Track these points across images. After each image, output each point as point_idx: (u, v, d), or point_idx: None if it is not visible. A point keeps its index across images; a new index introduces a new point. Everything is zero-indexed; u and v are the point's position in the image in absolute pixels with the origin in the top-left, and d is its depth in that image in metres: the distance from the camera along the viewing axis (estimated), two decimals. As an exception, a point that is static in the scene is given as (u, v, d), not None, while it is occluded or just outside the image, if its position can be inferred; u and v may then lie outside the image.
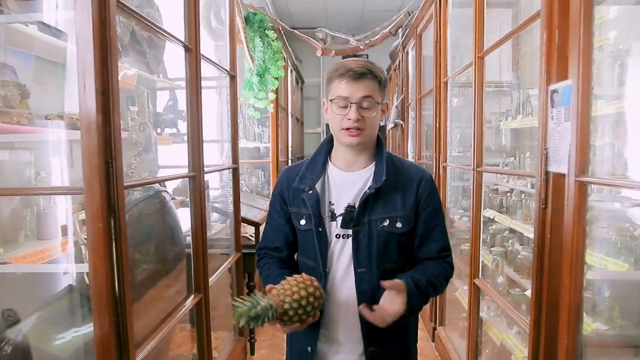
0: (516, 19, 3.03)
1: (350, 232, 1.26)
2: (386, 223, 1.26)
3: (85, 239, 1.58)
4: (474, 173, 2.32)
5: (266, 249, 1.42)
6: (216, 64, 2.44)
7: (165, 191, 2.12)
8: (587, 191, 1.31)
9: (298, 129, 7.25)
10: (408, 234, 1.28)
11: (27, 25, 1.57)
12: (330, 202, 1.30)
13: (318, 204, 1.28)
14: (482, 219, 2.38)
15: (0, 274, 1.54)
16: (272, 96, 4.00)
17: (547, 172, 1.47)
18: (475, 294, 2.37)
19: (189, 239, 2.03)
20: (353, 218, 1.26)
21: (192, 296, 2.01)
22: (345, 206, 1.28)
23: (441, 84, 3.03)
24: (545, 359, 1.49)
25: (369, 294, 1.25)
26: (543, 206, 1.49)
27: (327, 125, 1.36)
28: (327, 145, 1.37)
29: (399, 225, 1.26)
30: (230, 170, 2.75)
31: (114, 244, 1.29)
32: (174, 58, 2.25)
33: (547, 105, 1.46)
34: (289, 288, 1.13)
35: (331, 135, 1.35)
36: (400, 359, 1.35)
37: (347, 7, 6.99)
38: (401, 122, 4.73)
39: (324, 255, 1.27)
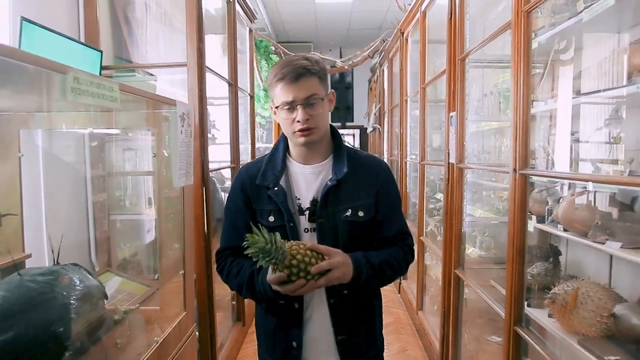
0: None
1: (315, 225, 1.26)
2: (348, 213, 1.26)
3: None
4: (419, 166, 3.41)
5: (227, 250, 1.34)
6: (243, 89, 3.49)
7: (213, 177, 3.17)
8: (464, 172, 2.40)
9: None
10: (370, 222, 1.29)
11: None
12: (296, 197, 1.29)
13: (286, 199, 1.26)
14: (425, 197, 3.47)
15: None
16: (275, 107, 5.06)
17: (448, 163, 2.56)
18: (421, 247, 3.46)
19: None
20: (316, 211, 1.26)
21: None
22: (310, 199, 1.28)
23: (403, 100, 4.12)
24: (446, 267, 2.59)
25: (335, 285, 1.20)
26: (447, 183, 2.58)
27: None
28: (284, 142, 1.36)
29: (361, 214, 1.27)
30: (250, 164, 3.81)
31: (204, 204, 2.36)
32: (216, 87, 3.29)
33: (448, 124, 2.55)
34: (303, 248, 1.12)
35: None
36: (367, 345, 1.35)
37: (334, 26, 8.02)
38: (378, 126, 5.82)
39: None
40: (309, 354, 1.31)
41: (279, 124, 1.32)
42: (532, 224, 1.99)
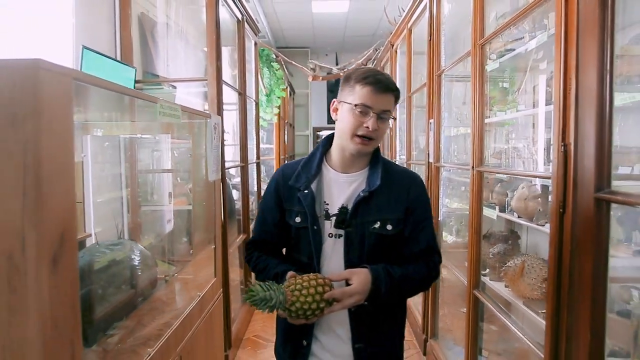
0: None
1: (342, 232, 1.27)
2: (377, 225, 1.26)
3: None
4: (406, 165, 3.87)
5: (256, 242, 1.41)
6: (250, 97, 3.93)
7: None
8: (440, 170, 2.85)
9: (290, 132, 8.74)
10: (398, 236, 1.29)
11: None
12: (325, 202, 1.30)
13: (313, 203, 1.28)
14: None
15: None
16: (275, 110, 5.50)
17: (428, 162, 3.01)
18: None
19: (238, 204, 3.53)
20: (346, 219, 1.26)
21: (241, 235, 3.50)
22: (339, 207, 1.29)
23: (393, 106, 4.57)
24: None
25: None
26: (427, 179, 3.03)
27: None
28: (324, 147, 1.38)
29: (389, 227, 1.27)
30: (255, 163, 4.25)
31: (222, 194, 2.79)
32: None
33: (428, 129, 3.00)
34: (306, 288, 1.13)
35: (329, 137, 1.38)
36: (386, 356, 1.35)
37: (331, 33, 8.44)
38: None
39: (317, 253, 1.28)
40: (320, 355, 1.32)
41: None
42: (495, 213, 2.43)
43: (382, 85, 1.23)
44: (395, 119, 1.39)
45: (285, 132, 7.10)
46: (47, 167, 0.79)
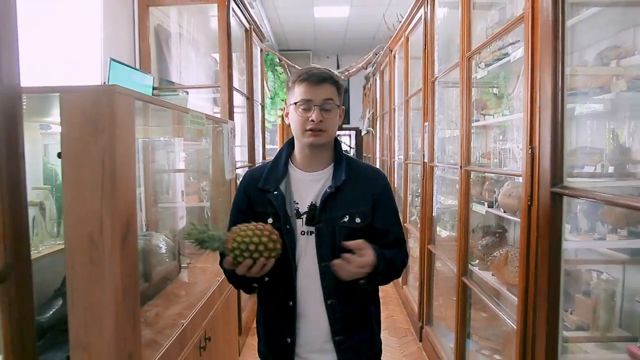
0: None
1: (313, 228, 1.31)
2: (346, 219, 1.31)
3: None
4: (403, 164, 4.10)
5: None
6: (256, 100, 4.17)
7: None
8: (434, 169, 3.08)
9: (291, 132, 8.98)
10: (367, 228, 1.33)
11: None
12: (294, 201, 1.34)
13: (284, 203, 1.32)
14: (410, 191, 4.16)
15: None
16: (279, 112, 5.74)
17: (424, 162, 3.24)
18: (406, 233, 4.14)
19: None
20: (315, 215, 1.31)
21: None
22: (308, 204, 1.33)
23: (391, 109, 4.80)
24: (422, 244, 3.27)
25: (332, 286, 1.30)
26: (422, 178, 3.26)
27: None
28: (287, 149, 1.42)
29: (357, 220, 1.32)
30: (261, 163, 4.48)
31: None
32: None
33: (423, 132, 3.23)
34: (245, 230, 1.16)
35: (290, 139, 1.44)
36: (365, 346, 1.38)
37: (332, 36, 8.66)
38: (372, 130, 6.51)
39: (292, 251, 1.31)
40: (304, 352, 1.35)
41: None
42: (484, 209, 2.67)
43: (316, 77, 1.29)
44: (338, 106, 1.34)
45: (287, 133, 7.35)
46: (118, 167, 1.03)
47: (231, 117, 2.95)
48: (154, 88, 2.91)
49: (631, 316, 1.70)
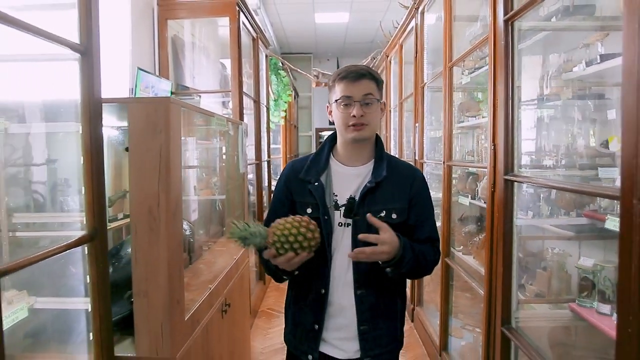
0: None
1: (350, 221, 1.34)
2: (383, 214, 1.33)
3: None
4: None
5: None
6: (262, 103, 4.51)
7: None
8: (423, 165, 3.43)
9: (294, 133, 9.32)
10: (402, 224, 1.36)
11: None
12: (334, 193, 1.38)
13: (324, 194, 1.36)
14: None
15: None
16: (282, 114, 6.08)
17: (415, 159, 3.58)
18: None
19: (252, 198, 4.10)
20: (353, 208, 1.33)
21: (256, 222, 4.08)
22: (347, 197, 1.35)
23: (387, 110, 5.14)
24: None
25: (365, 276, 1.35)
26: (414, 173, 3.60)
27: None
28: (330, 143, 1.47)
29: (394, 216, 1.35)
30: (266, 161, 4.82)
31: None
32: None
33: (414, 132, 3.57)
34: (284, 223, 1.21)
35: (332, 135, 1.47)
36: (387, 339, 1.41)
37: (332, 40, 9.00)
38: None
39: (329, 241, 1.35)
40: (330, 338, 1.39)
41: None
42: (468, 200, 3.01)
43: (354, 74, 1.33)
44: (379, 100, 1.36)
45: (291, 133, 7.69)
46: (171, 158, 1.37)
47: (241, 118, 3.29)
48: (172, 92, 3.25)
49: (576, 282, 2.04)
